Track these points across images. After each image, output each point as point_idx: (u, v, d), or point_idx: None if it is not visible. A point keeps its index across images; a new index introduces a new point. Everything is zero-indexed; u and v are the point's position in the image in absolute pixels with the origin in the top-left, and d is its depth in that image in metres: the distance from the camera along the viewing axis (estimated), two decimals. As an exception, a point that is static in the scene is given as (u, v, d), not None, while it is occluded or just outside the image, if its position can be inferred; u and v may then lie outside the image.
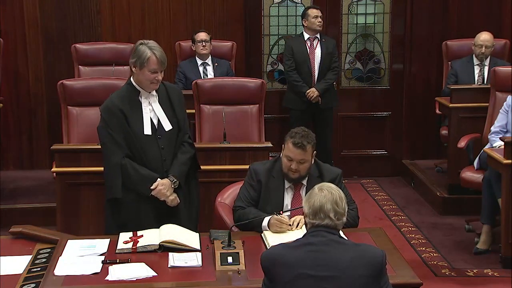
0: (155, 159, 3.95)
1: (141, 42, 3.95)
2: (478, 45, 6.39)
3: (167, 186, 3.95)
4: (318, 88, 6.53)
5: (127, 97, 3.94)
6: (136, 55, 3.89)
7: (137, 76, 3.92)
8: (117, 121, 3.88)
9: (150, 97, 3.97)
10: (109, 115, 3.90)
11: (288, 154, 3.79)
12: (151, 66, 3.87)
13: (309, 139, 3.78)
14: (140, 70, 3.89)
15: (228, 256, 3.32)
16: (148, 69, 3.88)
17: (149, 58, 3.86)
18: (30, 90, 6.91)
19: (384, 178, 7.28)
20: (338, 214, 2.86)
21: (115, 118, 3.88)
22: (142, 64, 3.87)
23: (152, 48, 3.88)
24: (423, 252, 5.39)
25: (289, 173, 3.83)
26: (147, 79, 3.90)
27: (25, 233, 3.77)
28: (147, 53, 3.87)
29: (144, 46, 3.90)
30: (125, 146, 3.89)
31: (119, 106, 3.89)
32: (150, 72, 3.88)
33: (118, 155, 3.88)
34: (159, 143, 3.97)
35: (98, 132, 3.96)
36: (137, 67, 3.89)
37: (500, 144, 5.15)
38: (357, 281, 2.76)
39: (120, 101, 3.91)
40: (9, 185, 6.48)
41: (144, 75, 3.89)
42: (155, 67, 3.88)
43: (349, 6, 7.24)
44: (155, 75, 3.90)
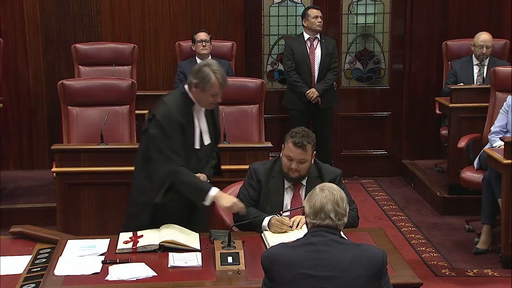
0: (193, 170, 3.93)
1: (205, 64, 3.90)
2: (478, 45, 6.39)
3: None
4: (318, 89, 6.52)
5: (183, 108, 3.89)
6: (200, 76, 3.84)
7: (196, 95, 3.88)
8: (175, 133, 3.84)
9: (200, 110, 3.97)
10: (169, 126, 3.83)
11: (288, 154, 3.80)
12: (213, 90, 3.85)
13: (309, 139, 3.78)
14: (201, 92, 3.86)
15: (228, 256, 3.32)
16: (210, 93, 3.85)
17: (213, 83, 3.83)
18: (30, 90, 6.91)
19: (384, 178, 7.28)
20: (339, 215, 2.86)
21: (174, 129, 3.83)
22: (204, 87, 3.84)
23: (216, 72, 3.84)
24: (423, 252, 5.39)
25: (289, 173, 3.83)
26: (206, 101, 3.89)
27: (25, 233, 3.77)
28: (211, 77, 3.82)
29: (208, 68, 3.85)
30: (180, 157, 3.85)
31: (179, 119, 3.85)
32: (211, 95, 3.86)
33: (173, 164, 3.81)
34: (198, 155, 3.98)
35: (153, 137, 3.85)
36: (199, 88, 3.85)
37: (500, 144, 5.15)
38: (358, 281, 2.76)
39: (178, 113, 3.86)
40: (9, 185, 6.48)
41: (204, 97, 3.87)
42: (217, 90, 3.87)
43: (349, 6, 7.24)
44: (215, 98, 3.89)
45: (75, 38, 6.81)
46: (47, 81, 6.85)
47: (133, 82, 5.65)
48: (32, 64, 6.88)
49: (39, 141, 6.96)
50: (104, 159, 4.81)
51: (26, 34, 6.83)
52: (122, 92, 5.56)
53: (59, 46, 6.86)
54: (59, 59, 6.88)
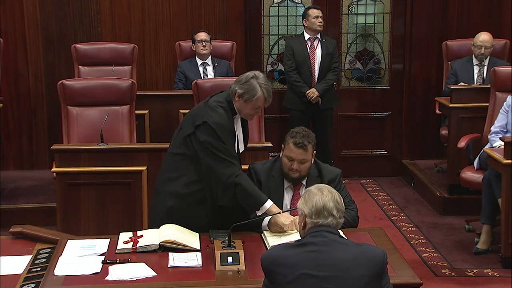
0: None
1: (253, 75, 3.84)
2: (477, 45, 6.39)
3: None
4: (318, 89, 6.53)
5: (230, 117, 3.85)
6: (246, 88, 3.80)
7: (238, 105, 3.84)
8: (229, 139, 3.81)
9: (239, 118, 3.95)
10: (224, 133, 3.78)
11: (289, 154, 3.80)
12: (257, 104, 3.82)
13: (309, 139, 3.79)
14: (244, 103, 3.82)
15: (228, 256, 3.32)
16: (253, 106, 3.83)
17: (259, 97, 3.80)
18: (30, 90, 6.91)
19: (384, 178, 7.28)
20: (340, 212, 2.87)
21: (229, 136, 3.81)
22: (249, 99, 3.80)
23: (263, 86, 3.80)
24: (423, 252, 5.39)
25: (289, 173, 3.83)
26: (247, 113, 3.87)
27: (25, 233, 3.77)
28: (257, 91, 3.79)
29: (256, 81, 3.81)
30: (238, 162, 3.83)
31: (231, 128, 3.83)
32: (254, 108, 3.84)
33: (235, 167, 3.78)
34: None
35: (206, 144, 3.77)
36: (242, 99, 3.81)
37: (500, 144, 5.15)
38: (359, 281, 2.75)
39: (227, 121, 3.82)
40: (9, 185, 6.47)
41: (246, 109, 3.84)
42: (261, 105, 3.85)
43: (349, 6, 7.25)
44: (257, 111, 3.87)
45: (75, 38, 6.81)
46: (47, 81, 6.85)
47: (133, 82, 5.64)
48: (32, 64, 6.88)
49: (39, 141, 6.96)
50: (104, 159, 4.81)
51: (26, 34, 6.83)
52: (122, 92, 5.56)
53: (59, 46, 6.86)
54: (59, 59, 6.88)
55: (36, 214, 5.74)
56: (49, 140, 6.71)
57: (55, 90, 5.57)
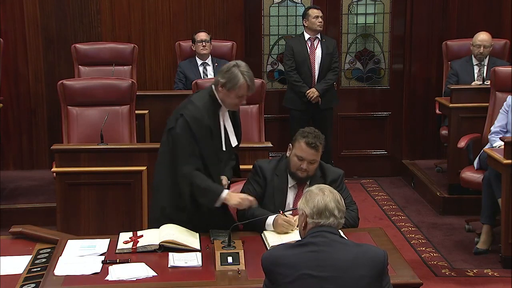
0: (216, 172, 3.93)
1: (234, 64, 3.89)
2: (476, 45, 6.39)
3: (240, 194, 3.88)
4: (318, 89, 6.53)
5: (211, 110, 3.88)
6: (228, 77, 3.83)
7: (222, 95, 3.86)
8: (202, 135, 3.82)
9: (225, 111, 3.96)
10: (197, 127, 3.80)
11: (299, 154, 3.78)
12: (240, 92, 3.84)
13: (321, 140, 3.79)
14: (227, 92, 3.84)
15: (228, 256, 3.32)
16: (237, 94, 3.84)
17: (241, 84, 3.82)
18: (30, 90, 6.91)
19: (384, 178, 7.28)
20: (341, 212, 2.88)
21: (202, 131, 3.82)
22: (231, 88, 3.82)
23: (245, 74, 3.83)
24: (423, 252, 5.39)
25: (297, 173, 3.83)
26: (232, 102, 3.88)
27: (25, 233, 3.77)
28: (239, 78, 3.81)
29: (237, 69, 3.84)
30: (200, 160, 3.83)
31: (208, 122, 3.83)
32: (237, 97, 3.85)
33: (190, 166, 3.80)
34: (220, 157, 3.96)
35: (178, 137, 3.82)
36: (225, 88, 3.83)
37: (500, 144, 5.15)
38: (359, 281, 2.75)
39: (206, 115, 3.83)
40: (9, 185, 6.47)
41: (230, 98, 3.86)
42: (244, 93, 3.86)
43: (349, 6, 7.25)
44: (241, 100, 3.88)
45: (75, 38, 6.81)
46: (47, 81, 6.85)
47: (133, 82, 5.65)
48: (32, 64, 6.88)
49: (39, 141, 6.96)
50: (104, 159, 4.81)
51: (26, 34, 6.83)
52: (122, 92, 5.56)
53: (59, 46, 6.86)
54: (59, 59, 6.88)
55: (36, 214, 5.74)
56: (49, 140, 6.71)
57: (55, 90, 5.57)
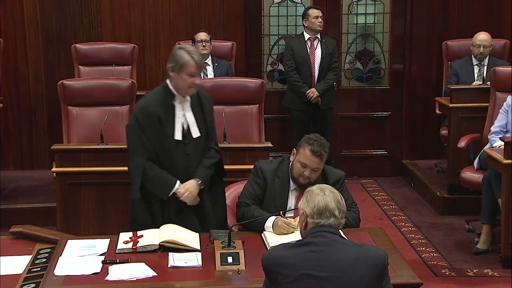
0: (181, 164, 3.93)
1: (179, 47, 3.94)
2: (476, 45, 6.39)
3: (194, 187, 3.91)
4: (318, 89, 6.52)
5: (162, 101, 3.91)
6: (175, 59, 3.88)
7: (175, 80, 3.90)
8: (150, 125, 3.86)
9: (184, 102, 3.96)
10: (144, 118, 3.86)
11: (304, 161, 3.78)
12: (189, 69, 3.85)
13: (326, 148, 3.79)
14: (178, 74, 3.87)
15: (228, 256, 3.32)
16: (186, 73, 3.86)
17: (188, 62, 3.84)
18: (30, 90, 6.91)
19: (384, 178, 7.28)
20: (342, 212, 2.87)
21: (149, 121, 3.86)
22: (180, 68, 3.85)
23: (191, 52, 3.88)
24: (423, 252, 5.39)
25: (300, 179, 3.82)
26: (185, 83, 3.89)
27: (25, 233, 3.77)
28: (185, 57, 3.85)
29: (183, 50, 3.88)
30: (151, 150, 3.87)
31: (156, 112, 3.86)
32: (188, 76, 3.86)
33: (140, 158, 3.86)
34: (185, 148, 3.95)
35: (128, 130, 3.91)
36: (175, 71, 3.87)
37: (500, 144, 5.15)
38: (359, 281, 2.75)
39: (155, 105, 3.88)
40: (9, 185, 6.48)
41: (182, 79, 3.87)
42: (194, 70, 3.87)
43: (349, 6, 7.25)
44: (193, 79, 3.88)
45: (75, 38, 6.82)
46: (47, 81, 6.85)
47: (133, 82, 5.65)
48: (32, 64, 6.88)
49: (39, 141, 6.96)
50: (104, 159, 4.81)
51: (26, 34, 6.83)
52: (122, 92, 5.56)
53: (59, 46, 6.86)
54: (59, 59, 6.88)
55: (36, 214, 5.74)
56: (49, 140, 6.71)
57: (55, 90, 5.57)
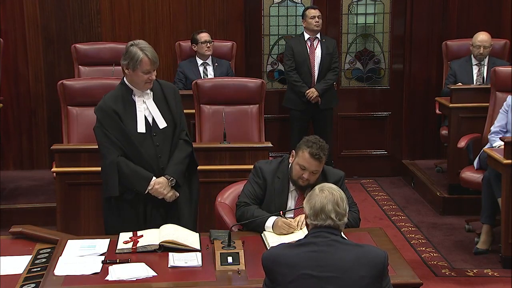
0: (151, 156, 3.97)
1: (131, 43, 3.96)
2: (476, 45, 6.39)
3: (164, 185, 3.96)
4: (317, 89, 6.52)
5: (120, 97, 3.96)
6: (128, 57, 3.90)
7: (130, 77, 3.94)
8: (110, 121, 3.91)
9: (144, 95, 3.99)
10: (102, 116, 3.92)
11: (302, 164, 3.77)
12: (144, 67, 3.89)
13: (325, 151, 3.78)
14: (133, 72, 3.90)
15: (228, 256, 3.32)
16: (141, 71, 3.89)
17: (142, 59, 3.87)
18: (30, 90, 6.91)
19: (384, 178, 7.28)
20: (339, 215, 2.85)
21: (108, 118, 3.91)
22: (135, 66, 3.88)
23: (144, 49, 3.90)
24: (423, 252, 5.39)
25: (298, 181, 3.82)
26: (141, 80, 3.93)
27: (25, 233, 3.77)
28: (139, 54, 3.88)
29: (135, 47, 3.91)
30: (120, 145, 3.91)
31: (112, 106, 3.91)
32: (143, 73, 3.90)
33: (113, 154, 3.90)
34: (154, 140, 3.98)
35: (94, 132, 3.99)
36: (130, 69, 3.91)
37: (500, 144, 5.15)
38: (360, 281, 2.75)
39: (113, 101, 3.93)
40: (9, 185, 6.47)
41: (137, 76, 3.91)
42: (148, 67, 3.90)
43: (349, 6, 7.24)
44: (148, 75, 3.92)
45: (75, 38, 6.81)
46: (47, 81, 6.85)
47: (133, 82, 5.64)
48: (32, 64, 6.88)
49: (39, 141, 6.96)
50: (104, 159, 4.81)
51: (26, 34, 6.83)
52: (122, 92, 5.55)
53: (59, 46, 6.86)
54: (59, 59, 6.88)
55: (36, 214, 5.74)
56: (49, 140, 6.71)
57: (55, 90, 5.57)
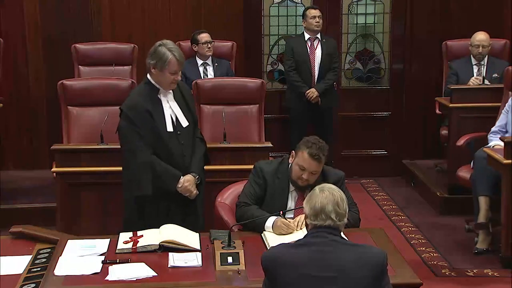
0: (177, 155, 4.04)
1: (159, 44, 3.99)
2: (475, 45, 6.39)
3: (192, 182, 4.05)
4: (317, 89, 6.53)
5: (148, 96, 3.99)
6: (156, 56, 3.94)
7: (156, 77, 3.98)
8: (143, 119, 3.93)
9: (168, 94, 4.05)
10: (135, 114, 3.93)
11: (302, 164, 3.78)
12: (171, 68, 3.93)
13: (324, 151, 3.79)
14: (160, 72, 3.94)
15: (228, 256, 3.32)
16: (169, 71, 3.94)
17: (170, 60, 3.92)
18: (30, 90, 6.91)
19: (384, 178, 7.28)
20: (339, 215, 2.85)
21: (141, 116, 3.93)
22: (162, 66, 3.92)
23: (172, 50, 3.94)
24: (423, 252, 5.39)
25: (298, 181, 3.82)
26: (167, 80, 3.97)
27: (25, 233, 3.77)
28: (167, 55, 3.92)
29: (164, 47, 3.95)
30: (150, 145, 3.94)
31: (144, 105, 3.94)
32: (171, 73, 3.94)
33: (146, 153, 3.93)
34: (179, 139, 4.05)
35: (122, 130, 3.98)
36: (157, 68, 3.94)
37: (496, 143, 5.17)
38: (359, 282, 2.75)
39: (143, 100, 3.96)
40: (9, 185, 6.47)
41: (164, 77, 3.96)
42: (176, 68, 3.95)
43: (349, 6, 7.24)
44: (175, 76, 3.97)
45: (75, 38, 6.81)
46: (47, 81, 6.85)
47: (133, 82, 5.65)
48: (32, 64, 6.88)
49: (39, 141, 6.96)
50: (104, 159, 4.81)
51: (26, 34, 6.83)
52: (122, 92, 5.54)
53: (59, 46, 6.86)
54: (59, 59, 6.88)
55: (36, 214, 5.73)
56: (49, 140, 6.69)
57: (55, 90, 5.57)
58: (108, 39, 6.85)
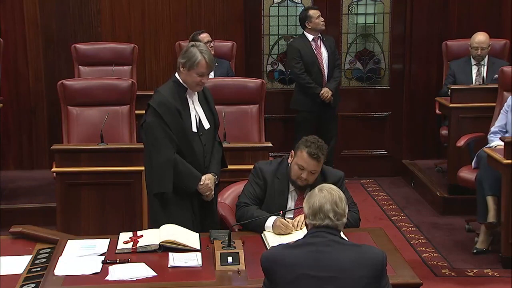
0: (199, 155, 4.04)
1: (192, 44, 4.01)
2: (474, 47, 6.39)
3: (212, 181, 4.04)
4: (330, 88, 6.51)
5: (176, 93, 4.00)
6: (187, 56, 3.95)
7: (184, 76, 3.98)
8: (172, 117, 3.93)
9: (193, 95, 4.06)
10: (164, 110, 3.93)
11: (301, 163, 3.78)
12: (200, 69, 3.93)
13: (323, 150, 3.78)
14: (188, 72, 3.95)
15: (228, 256, 3.32)
16: (197, 72, 3.94)
17: (199, 61, 3.92)
18: (30, 90, 6.91)
19: (384, 178, 7.28)
20: (338, 215, 2.85)
21: (170, 114, 3.93)
22: (191, 66, 3.93)
23: (203, 52, 3.94)
24: (423, 252, 5.39)
25: (297, 181, 3.83)
26: (193, 81, 3.97)
27: (25, 233, 3.77)
28: (197, 56, 3.92)
29: (196, 48, 3.96)
30: (176, 143, 3.95)
31: (174, 103, 3.95)
32: (198, 75, 3.94)
33: (170, 150, 3.93)
34: (202, 140, 4.05)
35: (149, 125, 3.95)
36: (186, 68, 3.95)
37: (497, 144, 5.16)
38: (358, 282, 2.75)
39: (172, 98, 3.96)
40: (9, 185, 6.47)
41: (191, 77, 3.96)
42: (204, 70, 3.94)
43: (349, 6, 7.24)
44: (201, 78, 3.97)
45: (75, 38, 6.81)
46: (47, 81, 6.85)
47: (133, 82, 5.65)
48: (32, 64, 6.88)
49: (39, 141, 6.96)
50: (104, 159, 4.81)
51: (26, 34, 6.83)
52: (122, 92, 5.56)
53: (59, 46, 6.86)
54: (59, 59, 6.88)
55: (36, 214, 5.74)
56: (49, 140, 6.71)
57: (55, 90, 5.57)
58: (108, 39, 6.85)
